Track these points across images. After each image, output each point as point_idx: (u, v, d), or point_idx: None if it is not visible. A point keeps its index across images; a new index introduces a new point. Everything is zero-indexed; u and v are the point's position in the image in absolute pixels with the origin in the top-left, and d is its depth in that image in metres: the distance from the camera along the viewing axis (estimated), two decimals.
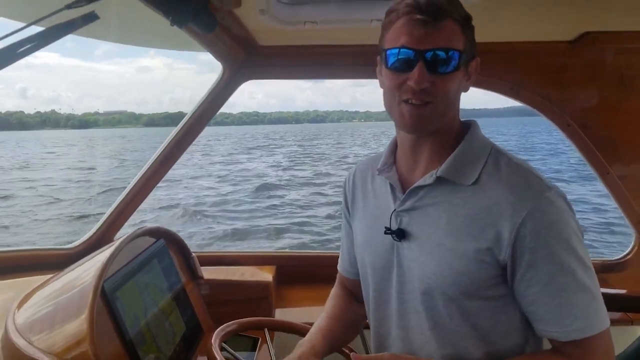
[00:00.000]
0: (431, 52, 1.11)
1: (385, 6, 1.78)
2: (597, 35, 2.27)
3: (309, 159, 37.73)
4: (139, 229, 1.95)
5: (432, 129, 1.22)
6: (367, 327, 1.56)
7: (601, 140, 2.46)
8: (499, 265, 1.15)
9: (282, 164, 33.43)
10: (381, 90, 1.27)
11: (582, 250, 1.12)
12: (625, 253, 2.71)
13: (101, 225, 2.62)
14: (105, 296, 1.56)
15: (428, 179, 1.24)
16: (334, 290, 1.72)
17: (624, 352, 1.77)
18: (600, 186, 2.60)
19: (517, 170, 1.19)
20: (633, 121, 2.43)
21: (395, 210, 1.30)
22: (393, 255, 1.31)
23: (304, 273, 2.86)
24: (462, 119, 1.32)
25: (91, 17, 1.23)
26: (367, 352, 1.61)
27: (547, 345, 1.23)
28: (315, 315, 2.50)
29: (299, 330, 1.85)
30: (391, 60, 1.17)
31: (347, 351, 1.74)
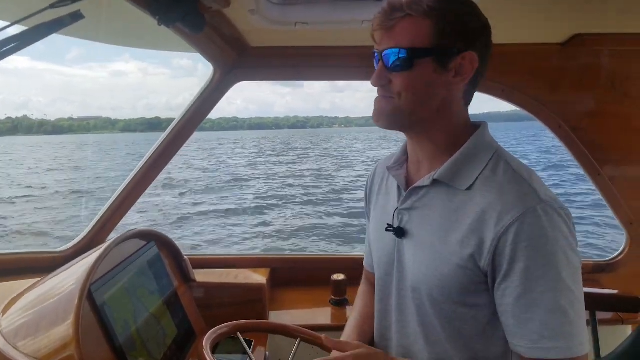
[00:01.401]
0: (385, 51, 1.18)
1: (376, 8, 1.77)
2: (587, 37, 2.27)
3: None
4: (128, 231, 1.93)
5: (401, 126, 1.26)
6: None
7: (592, 141, 2.48)
8: (481, 272, 1.13)
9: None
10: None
11: (567, 271, 1.06)
12: (616, 254, 2.73)
13: (92, 229, 2.60)
14: (93, 300, 1.54)
15: (426, 180, 1.24)
16: (362, 288, 1.73)
17: (615, 351, 1.78)
18: None
19: (513, 178, 1.16)
20: (624, 123, 2.45)
21: (397, 208, 1.32)
22: (394, 252, 1.33)
23: (298, 275, 2.86)
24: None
25: (76, 17, 1.21)
26: None
27: None
28: (310, 317, 2.52)
29: (293, 333, 1.83)
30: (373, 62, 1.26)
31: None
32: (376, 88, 1.25)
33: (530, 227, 1.06)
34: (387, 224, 1.33)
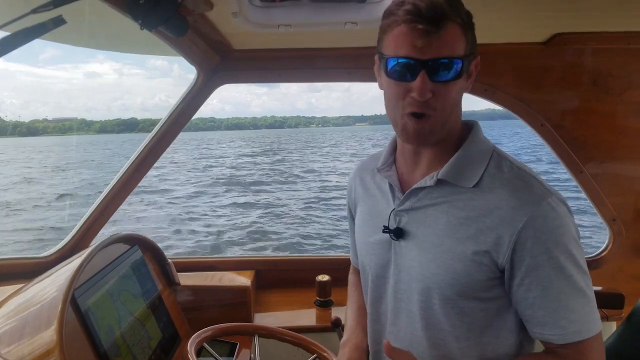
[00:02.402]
0: (432, 61, 1.08)
1: (359, 9, 1.78)
2: (568, 36, 2.30)
3: None
4: (112, 235, 1.92)
5: (434, 140, 1.20)
6: (344, 329, 1.58)
7: (574, 139, 2.50)
8: (497, 268, 1.15)
9: None
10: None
11: (579, 256, 1.13)
12: (599, 251, 2.75)
13: (76, 233, 2.58)
14: (77, 305, 1.53)
15: (428, 180, 1.23)
16: (353, 279, 1.71)
17: None
18: None
19: (520, 174, 1.18)
20: (605, 121, 2.47)
21: (394, 209, 1.30)
22: (390, 254, 1.31)
23: (283, 277, 2.86)
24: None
25: (58, 22, 1.21)
26: None
27: (538, 349, 1.25)
28: (294, 319, 2.53)
29: (277, 335, 1.84)
30: (391, 68, 1.14)
31: (324, 354, 1.73)
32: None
33: (547, 220, 1.10)
34: (384, 226, 1.31)
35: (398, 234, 1.28)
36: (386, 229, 1.30)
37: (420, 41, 1.06)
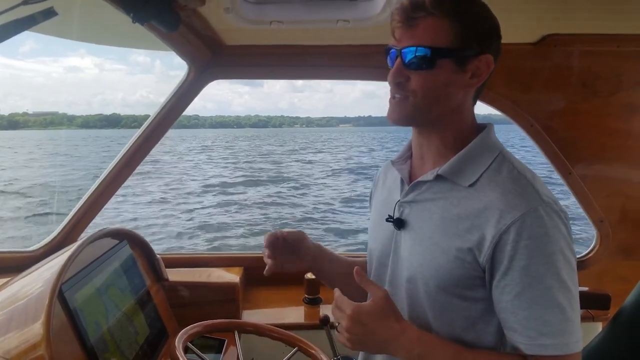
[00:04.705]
0: (406, 49, 1.17)
1: (351, 7, 1.78)
2: (558, 37, 2.32)
3: None
4: (100, 230, 1.91)
5: (416, 123, 1.29)
6: (333, 326, 1.58)
7: (563, 140, 2.51)
8: (479, 267, 1.16)
9: None
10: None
11: (565, 271, 1.10)
12: (587, 252, 2.77)
13: (64, 227, 2.57)
14: (64, 299, 1.52)
15: (429, 175, 1.27)
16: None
17: (586, 347, 1.81)
18: None
19: (517, 178, 1.19)
20: (594, 122, 2.49)
21: (399, 200, 1.35)
22: (392, 243, 1.35)
23: (271, 275, 2.85)
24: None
25: (49, 14, 1.20)
26: (332, 346, 1.63)
27: None
28: (283, 316, 2.53)
29: (266, 332, 1.84)
30: (387, 57, 1.26)
31: (312, 351, 1.74)
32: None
33: (531, 227, 1.09)
34: (388, 215, 1.35)
35: (399, 224, 1.32)
36: (389, 218, 1.34)
37: (398, 32, 1.20)
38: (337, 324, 1.25)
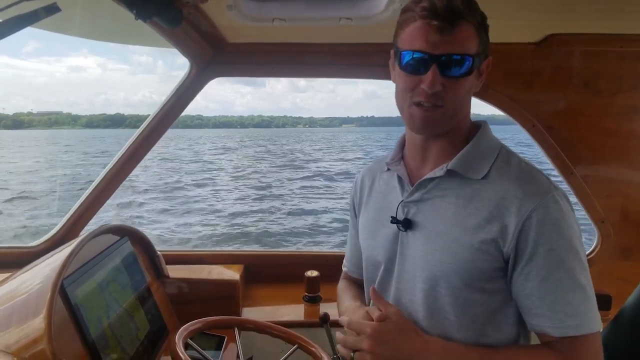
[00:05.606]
0: (445, 56, 1.13)
1: (353, 5, 1.78)
2: (561, 37, 2.32)
3: None
4: (102, 226, 1.91)
5: (441, 131, 1.26)
6: (332, 324, 1.58)
7: (565, 140, 2.51)
8: (503, 257, 1.17)
9: None
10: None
11: (581, 252, 1.16)
12: (587, 252, 2.77)
13: (65, 223, 2.57)
14: (65, 295, 1.52)
15: (438, 171, 1.27)
16: (344, 284, 1.71)
17: None
18: None
19: (526, 168, 1.24)
20: (596, 122, 2.49)
21: (402, 201, 1.34)
22: (397, 245, 1.34)
23: (272, 272, 2.87)
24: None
25: (53, 9, 1.19)
26: (331, 344, 1.63)
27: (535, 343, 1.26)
28: (283, 313, 2.53)
29: (265, 329, 1.84)
30: (405, 61, 1.19)
31: (312, 349, 1.74)
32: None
33: (551, 212, 1.13)
34: (392, 217, 1.33)
35: (406, 224, 1.31)
36: (394, 220, 1.33)
37: (434, 37, 1.13)
38: (352, 355, 1.23)
